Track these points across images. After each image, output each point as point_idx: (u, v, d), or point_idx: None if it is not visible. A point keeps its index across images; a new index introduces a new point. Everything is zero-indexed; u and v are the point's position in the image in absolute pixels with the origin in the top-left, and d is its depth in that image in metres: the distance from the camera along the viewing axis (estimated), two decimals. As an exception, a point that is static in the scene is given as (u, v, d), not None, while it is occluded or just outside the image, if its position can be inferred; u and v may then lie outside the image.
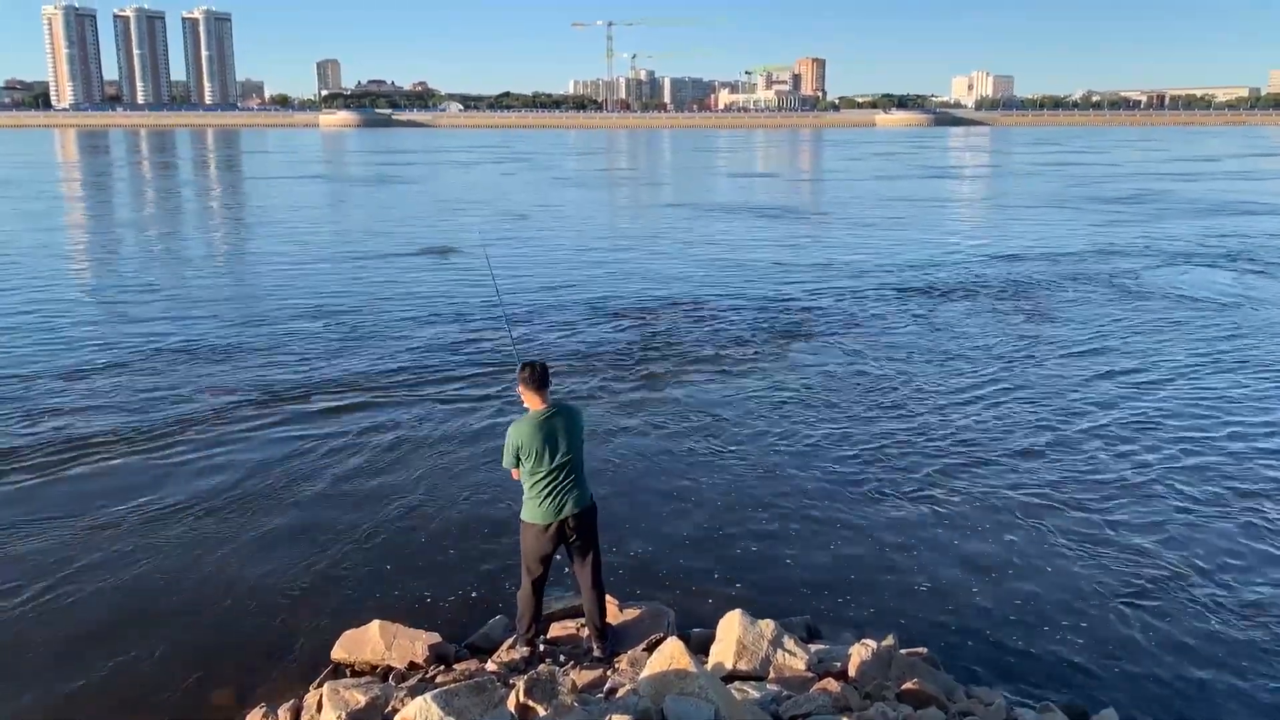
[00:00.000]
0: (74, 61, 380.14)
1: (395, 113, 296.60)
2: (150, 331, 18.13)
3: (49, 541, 9.26)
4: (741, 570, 8.80)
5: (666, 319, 19.63)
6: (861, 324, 19.22)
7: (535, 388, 6.69)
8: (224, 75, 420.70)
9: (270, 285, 23.81)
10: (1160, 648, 7.55)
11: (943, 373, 15.45)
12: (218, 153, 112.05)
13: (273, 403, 13.62)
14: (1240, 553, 9.10)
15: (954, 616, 7.98)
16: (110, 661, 7.27)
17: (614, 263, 27.82)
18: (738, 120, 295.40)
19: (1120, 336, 18.09)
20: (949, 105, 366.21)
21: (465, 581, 8.52)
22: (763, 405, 13.68)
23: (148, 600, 8.19)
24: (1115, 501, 10.28)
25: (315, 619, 7.87)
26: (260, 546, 9.19)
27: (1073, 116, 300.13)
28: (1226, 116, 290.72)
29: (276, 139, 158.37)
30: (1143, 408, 13.51)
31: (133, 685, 6.98)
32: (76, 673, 7.13)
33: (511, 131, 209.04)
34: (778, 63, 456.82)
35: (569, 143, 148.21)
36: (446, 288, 23.27)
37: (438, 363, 15.99)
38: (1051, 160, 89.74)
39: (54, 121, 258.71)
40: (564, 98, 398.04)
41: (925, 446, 11.94)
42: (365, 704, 5.66)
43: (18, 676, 7.10)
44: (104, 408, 13.29)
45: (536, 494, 6.70)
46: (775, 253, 29.78)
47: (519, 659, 6.91)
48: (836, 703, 5.73)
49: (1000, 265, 27.26)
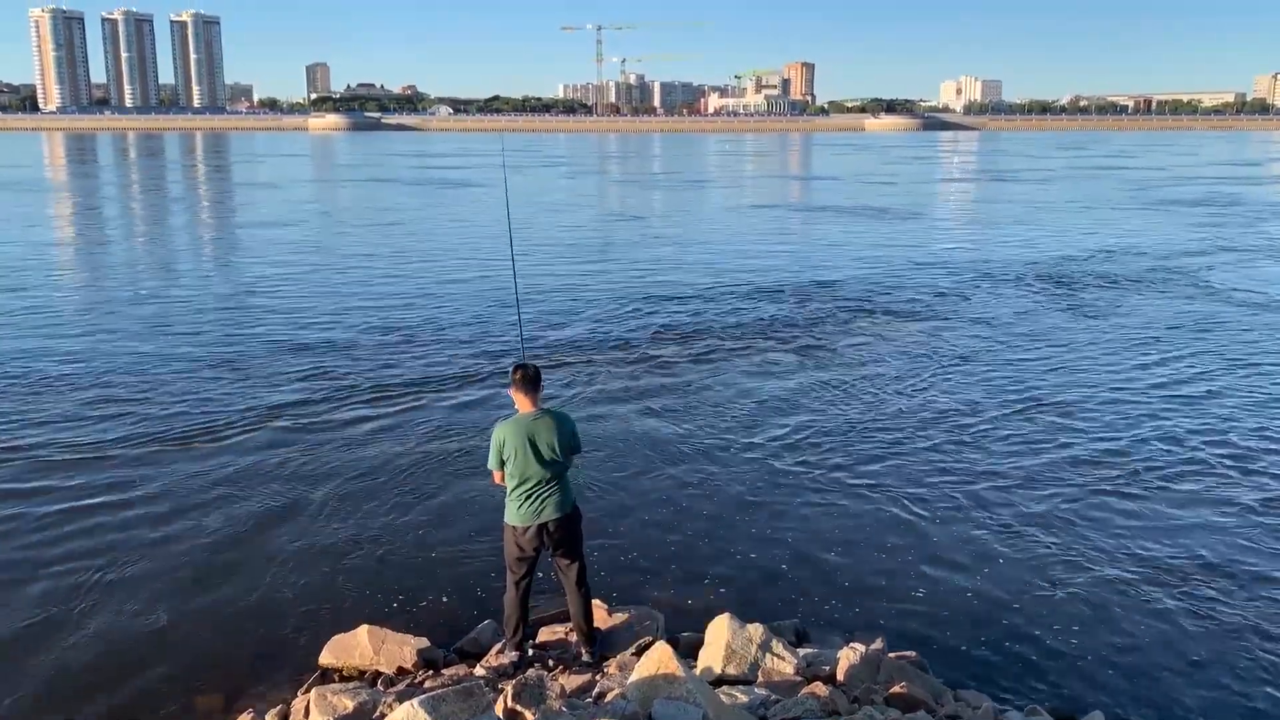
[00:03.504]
0: (61, 64, 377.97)
1: (384, 116, 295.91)
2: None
3: (34, 544, 9.22)
4: (730, 574, 8.80)
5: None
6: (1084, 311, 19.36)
7: (525, 390, 6.73)
8: (212, 78, 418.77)
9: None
10: (1149, 651, 7.58)
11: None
12: (280, 162, 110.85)
13: (267, 406, 13.60)
14: (1239, 558, 9.15)
15: (943, 621, 8.00)
16: (96, 666, 7.23)
17: (802, 256, 29.38)
18: (728, 124, 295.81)
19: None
20: (937, 110, 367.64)
21: (453, 587, 8.51)
22: (774, 401, 13.72)
23: (134, 605, 8.15)
24: (1109, 507, 10.33)
25: (303, 624, 7.85)
26: (247, 551, 9.15)
27: (1060, 121, 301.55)
28: (1213, 121, 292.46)
29: (266, 142, 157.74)
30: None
31: (119, 690, 6.94)
32: (61, 678, 7.09)
33: (503, 135, 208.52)
34: (767, 67, 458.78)
35: (592, 147, 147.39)
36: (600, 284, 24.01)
37: (446, 363, 16.05)
38: (1088, 165, 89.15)
39: (41, 125, 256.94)
40: (554, 101, 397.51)
41: (932, 453, 11.97)
42: (353, 709, 5.65)
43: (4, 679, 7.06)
44: (89, 419, 13.24)
45: (517, 496, 6.73)
46: (917, 251, 30.80)
47: (507, 664, 6.91)
48: (825, 706, 5.74)
49: (1143, 259, 28.72)
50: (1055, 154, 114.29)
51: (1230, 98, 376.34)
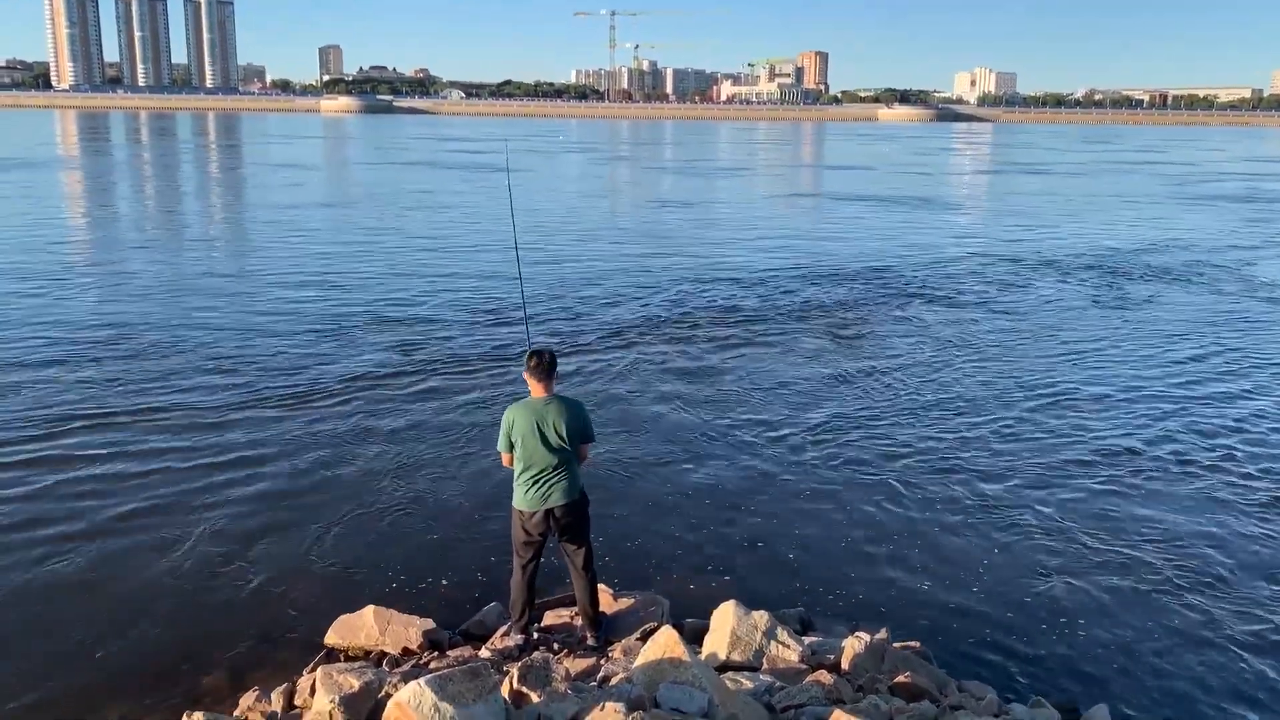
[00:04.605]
0: (75, 42, 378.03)
1: (396, 99, 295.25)
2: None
3: (38, 521, 9.27)
4: (736, 561, 8.80)
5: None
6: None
7: (539, 377, 6.73)
8: (225, 59, 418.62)
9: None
10: (1155, 645, 7.56)
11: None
12: (318, 141, 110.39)
13: (274, 390, 13.64)
14: (1250, 556, 9.11)
15: (948, 612, 7.99)
16: (101, 645, 7.27)
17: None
18: (740, 112, 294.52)
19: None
20: (951, 101, 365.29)
21: (460, 568, 8.53)
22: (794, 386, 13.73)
23: (140, 584, 8.19)
24: (1115, 500, 10.31)
25: (309, 604, 7.87)
26: (254, 530, 9.18)
27: (1075, 115, 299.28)
28: (1229, 117, 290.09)
29: (279, 124, 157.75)
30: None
31: (125, 668, 6.98)
32: (67, 655, 7.13)
33: (514, 120, 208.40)
34: (780, 55, 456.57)
35: (617, 133, 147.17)
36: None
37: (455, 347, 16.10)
38: (1118, 159, 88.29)
39: (54, 102, 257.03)
40: (566, 87, 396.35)
41: (948, 446, 11.94)
42: (359, 688, 5.66)
43: (7, 657, 7.11)
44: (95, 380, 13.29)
45: (524, 481, 6.74)
46: (969, 241, 31.08)
47: (513, 646, 6.93)
48: (829, 695, 5.74)
49: (1191, 253, 28.94)
50: (1081, 148, 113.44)
51: (1247, 93, 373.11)
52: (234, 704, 6.40)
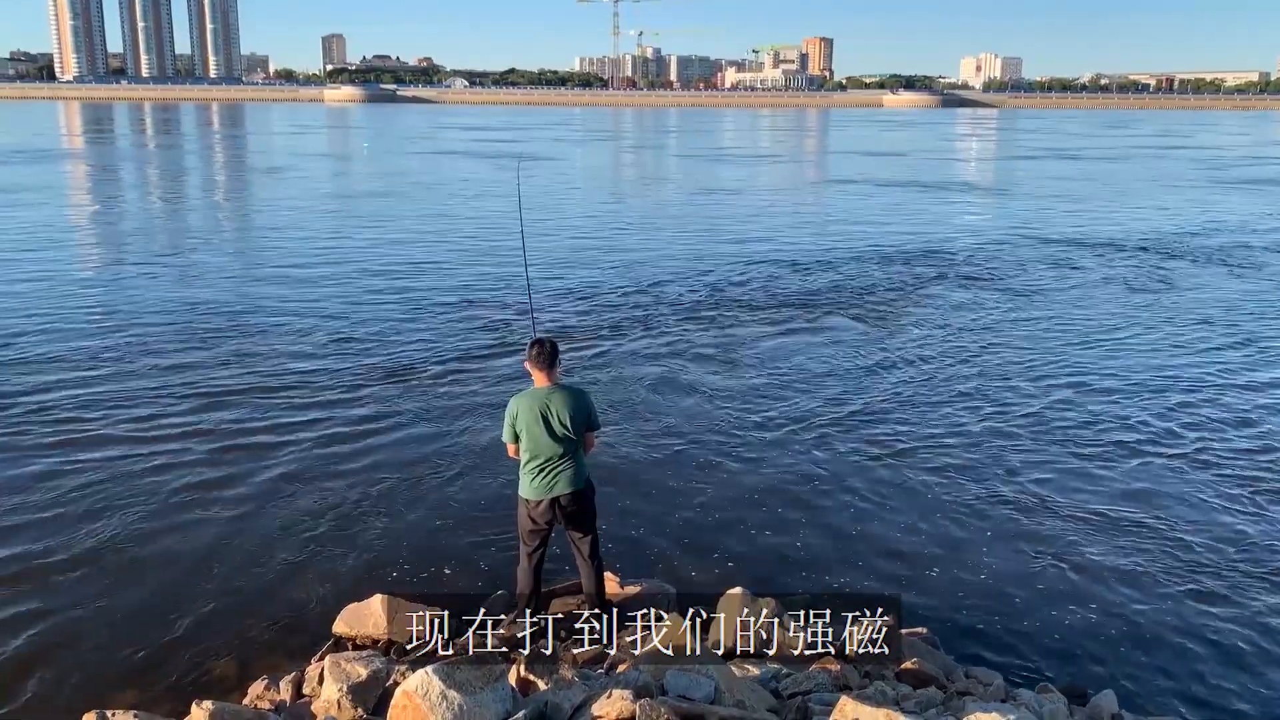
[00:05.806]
0: (78, 33, 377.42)
1: (400, 88, 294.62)
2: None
3: (40, 516, 9.30)
4: (743, 548, 8.81)
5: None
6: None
7: (542, 366, 6.71)
8: (229, 49, 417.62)
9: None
10: (1162, 632, 7.56)
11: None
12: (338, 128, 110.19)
13: (281, 381, 13.66)
14: (1260, 544, 9.09)
15: (955, 598, 8.00)
16: (110, 633, 7.31)
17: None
18: (745, 99, 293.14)
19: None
20: (956, 86, 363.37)
21: (467, 557, 8.55)
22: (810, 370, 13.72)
23: (149, 573, 8.23)
24: (1122, 484, 10.29)
25: (317, 593, 7.90)
26: (262, 520, 9.21)
27: (1081, 99, 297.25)
28: (1236, 101, 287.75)
29: (284, 113, 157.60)
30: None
31: (134, 656, 7.02)
32: (75, 644, 7.17)
33: (520, 109, 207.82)
34: (785, 41, 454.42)
35: (634, 121, 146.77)
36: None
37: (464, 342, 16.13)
38: (1142, 144, 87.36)
39: (58, 94, 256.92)
40: (569, 74, 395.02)
41: (962, 434, 11.93)
42: (367, 677, 5.68)
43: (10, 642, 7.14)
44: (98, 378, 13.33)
45: (530, 470, 6.74)
46: (1023, 227, 31.08)
47: (520, 634, 6.93)
48: (836, 681, 5.75)
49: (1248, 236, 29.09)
50: (1103, 132, 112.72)
51: (1254, 76, 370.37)
52: (243, 692, 6.42)
